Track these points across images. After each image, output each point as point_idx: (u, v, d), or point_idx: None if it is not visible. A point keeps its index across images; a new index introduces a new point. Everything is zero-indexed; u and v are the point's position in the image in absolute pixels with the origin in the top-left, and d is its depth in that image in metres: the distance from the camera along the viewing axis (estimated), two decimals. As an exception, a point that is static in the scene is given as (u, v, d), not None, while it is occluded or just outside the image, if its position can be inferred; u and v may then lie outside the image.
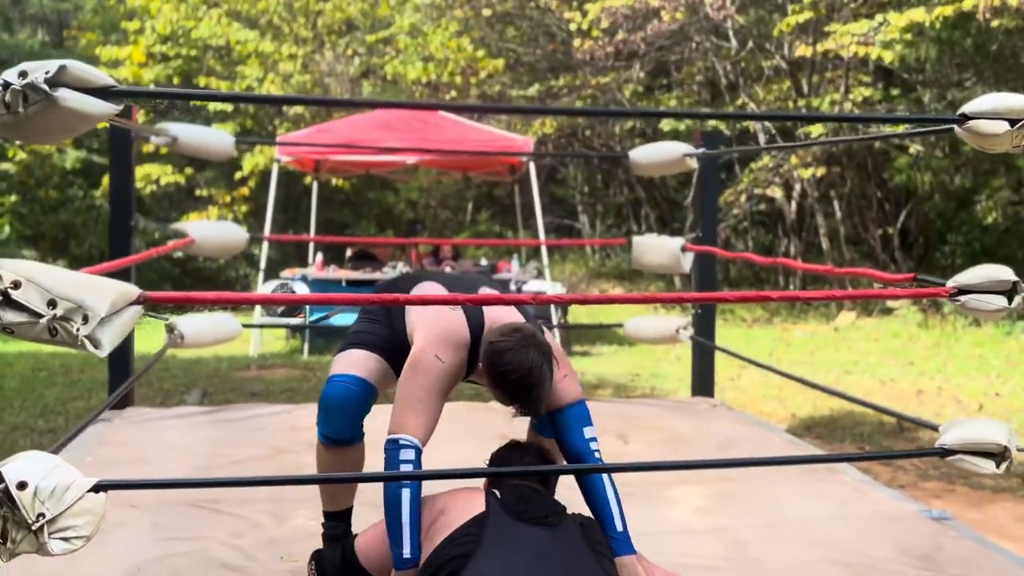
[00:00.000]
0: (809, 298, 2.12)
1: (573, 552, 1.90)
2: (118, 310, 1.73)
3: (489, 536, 1.87)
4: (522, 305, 2.35)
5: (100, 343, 1.70)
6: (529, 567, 1.81)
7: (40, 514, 1.69)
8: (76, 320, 1.68)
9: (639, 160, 4.15)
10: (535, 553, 1.85)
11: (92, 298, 1.68)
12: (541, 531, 1.92)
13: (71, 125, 1.77)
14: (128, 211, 3.98)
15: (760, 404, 6.29)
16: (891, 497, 3.19)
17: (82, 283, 1.70)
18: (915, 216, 14.54)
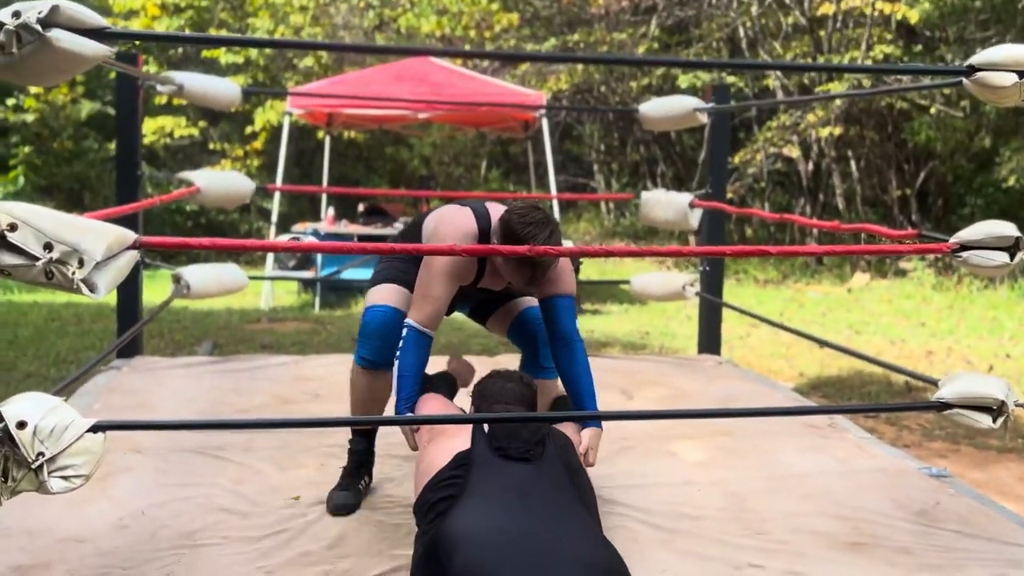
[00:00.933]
0: (809, 253, 2.10)
1: (554, 486, 1.94)
2: (114, 254, 1.73)
3: (473, 478, 1.92)
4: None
5: (96, 287, 1.71)
6: (511, 508, 1.83)
7: (39, 453, 1.72)
8: (72, 263, 1.69)
9: (649, 114, 4.11)
10: (518, 493, 1.89)
11: (88, 241, 1.69)
12: (524, 467, 1.97)
13: (65, 66, 1.76)
14: (135, 160, 3.99)
15: (768, 363, 6.29)
16: (891, 454, 3.19)
17: (78, 226, 1.71)
18: (934, 177, 14.35)
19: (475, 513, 1.81)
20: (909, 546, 2.37)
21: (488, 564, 1.65)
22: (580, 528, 1.82)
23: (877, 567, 2.25)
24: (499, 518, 1.79)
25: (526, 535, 1.73)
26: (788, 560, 2.27)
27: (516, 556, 1.67)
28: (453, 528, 1.77)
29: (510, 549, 1.69)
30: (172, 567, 2.16)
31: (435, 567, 1.72)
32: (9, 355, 5.78)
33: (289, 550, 2.27)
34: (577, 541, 1.76)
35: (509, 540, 1.71)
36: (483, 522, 1.78)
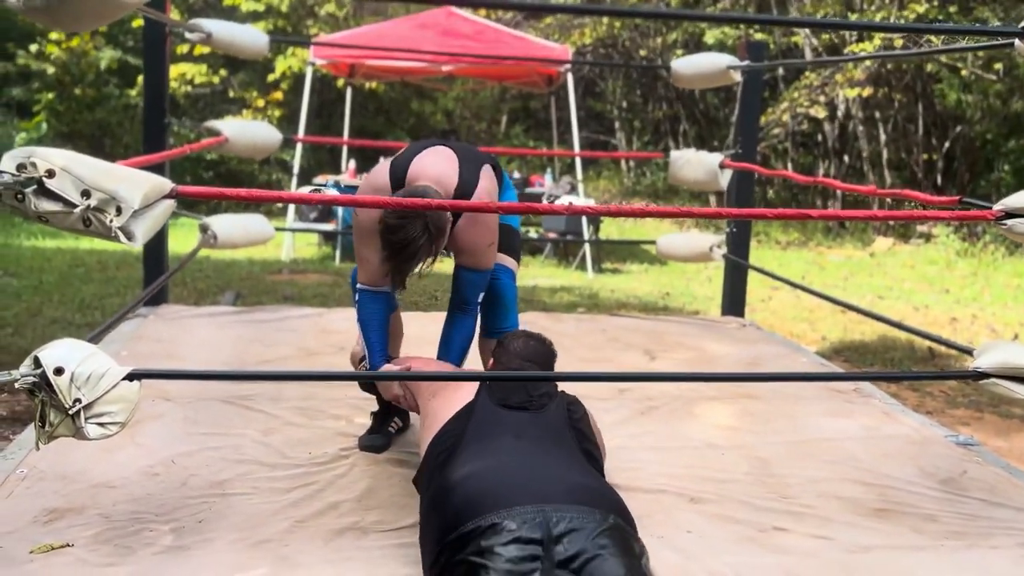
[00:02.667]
0: (849, 217, 2.07)
1: (552, 431, 1.99)
2: (151, 203, 1.73)
3: (471, 429, 1.97)
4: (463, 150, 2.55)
5: (133, 235, 1.71)
6: (505, 448, 1.88)
7: (76, 399, 1.74)
8: (110, 211, 1.69)
9: (681, 71, 4.04)
10: (513, 435, 1.94)
11: (125, 190, 1.68)
12: (523, 415, 2.03)
13: (103, 11, 1.74)
14: (162, 108, 3.97)
15: (790, 326, 6.25)
16: (917, 421, 3.17)
17: (116, 174, 1.70)
18: (961, 142, 14.11)
19: (471, 456, 1.87)
20: (935, 514, 2.37)
21: (481, 493, 1.70)
22: (571, 462, 1.88)
23: (903, 534, 2.25)
24: (491, 456, 1.85)
25: (517, 465, 1.81)
26: (814, 524, 2.27)
27: (506, 481, 1.73)
28: (451, 474, 1.83)
29: (501, 477, 1.75)
30: (203, 515, 2.18)
31: (437, 512, 1.78)
32: (35, 300, 5.83)
33: (318, 501, 2.29)
34: (566, 469, 1.83)
35: (501, 469, 1.78)
36: (476, 463, 1.83)
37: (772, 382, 3.16)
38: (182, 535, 2.07)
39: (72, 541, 2.01)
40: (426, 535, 1.82)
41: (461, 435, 1.97)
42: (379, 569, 1.94)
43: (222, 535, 2.08)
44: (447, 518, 1.71)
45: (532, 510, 1.61)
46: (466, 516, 1.65)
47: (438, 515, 1.76)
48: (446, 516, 1.72)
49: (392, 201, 2.01)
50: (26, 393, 1.77)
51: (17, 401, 3.81)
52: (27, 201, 1.68)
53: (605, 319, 4.63)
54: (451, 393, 2.15)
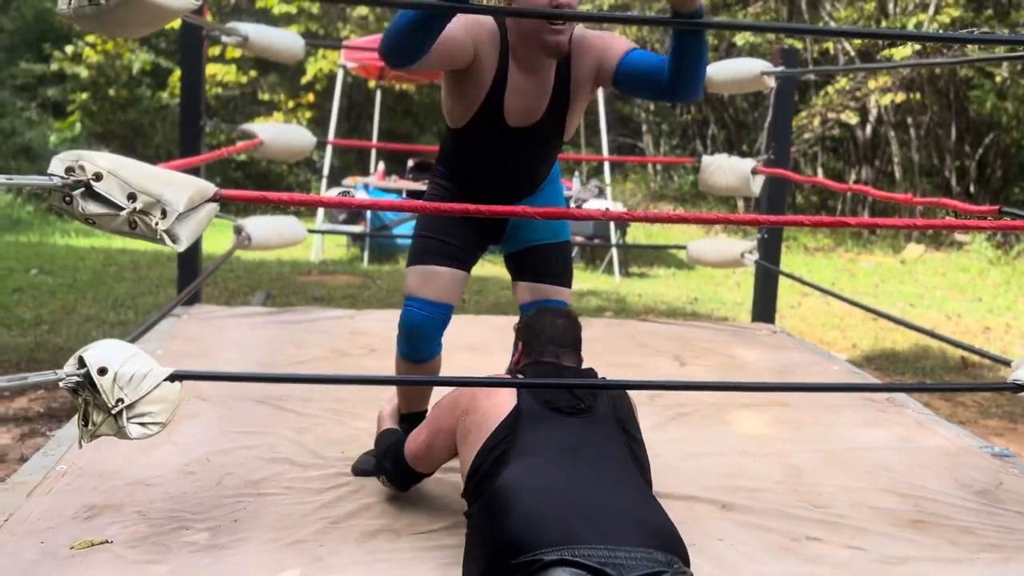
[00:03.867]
0: (886, 226, 2.06)
1: (605, 441, 1.91)
2: (195, 206, 1.75)
3: (523, 435, 1.88)
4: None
5: (178, 238, 1.74)
6: (563, 466, 1.80)
7: (119, 399, 1.76)
8: (155, 214, 1.71)
9: (714, 77, 4.02)
10: (569, 449, 1.86)
11: (171, 193, 1.71)
12: (574, 422, 1.92)
13: (151, 19, 1.76)
14: (197, 111, 4.01)
15: (820, 333, 6.20)
16: (952, 432, 3.14)
17: (161, 178, 1.73)
18: (995, 148, 13.94)
19: (528, 471, 1.79)
20: (971, 526, 2.34)
21: (545, 519, 1.65)
22: (632, 488, 1.81)
23: (938, 546, 2.22)
24: (551, 475, 1.77)
25: (578, 493, 1.72)
26: (848, 535, 2.25)
27: (571, 511, 1.66)
28: (507, 486, 1.76)
29: (564, 505, 1.68)
30: (238, 514, 2.20)
31: (493, 525, 1.72)
32: (69, 298, 5.91)
33: (350, 502, 2.31)
34: (629, 501, 1.75)
35: (563, 497, 1.71)
36: (537, 479, 1.76)
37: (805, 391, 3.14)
38: (218, 534, 2.10)
39: (111, 538, 2.05)
40: (476, 546, 1.77)
41: (512, 441, 1.88)
42: (412, 572, 1.95)
43: (257, 535, 2.10)
44: (505, 537, 1.65)
45: (601, 551, 1.56)
46: (528, 543, 1.60)
47: (494, 528, 1.70)
48: (503, 534, 1.66)
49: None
50: (69, 392, 1.80)
51: (54, 398, 3.88)
52: (75, 203, 1.71)
53: (633, 324, 4.62)
54: (486, 403, 2.01)
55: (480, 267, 8.54)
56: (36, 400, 3.88)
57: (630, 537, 1.61)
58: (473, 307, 6.03)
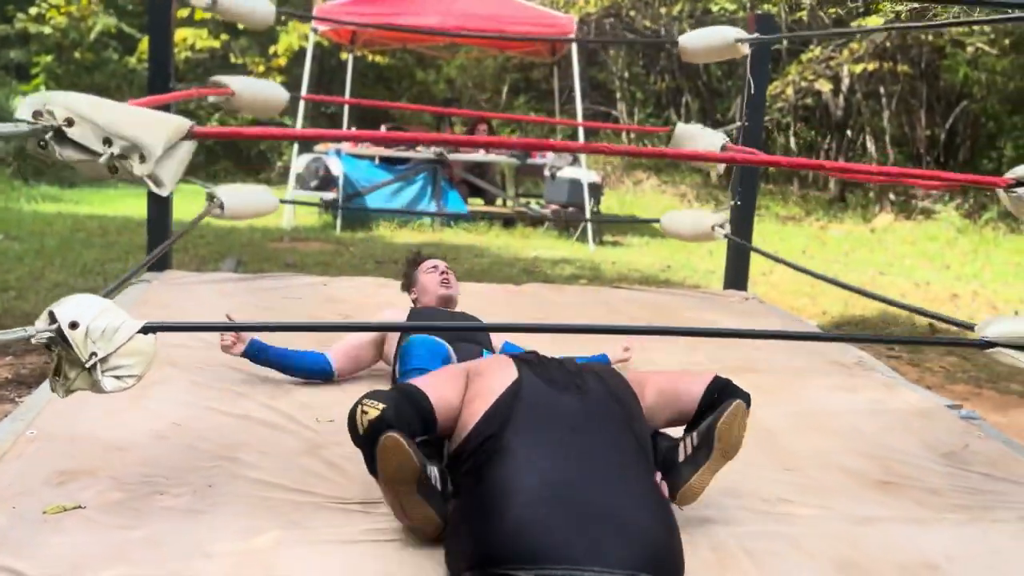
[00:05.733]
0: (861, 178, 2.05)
1: (603, 417, 1.89)
2: (173, 145, 1.72)
3: (521, 412, 1.85)
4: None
5: (161, 181, 1.71)
6: (563, 452, 1.78)
7: (92, 353, 1.74)
8: (134, 158, 1.68)
9: (688, 45, 4.01)
10: (569, 427, 1.83)
11: (147, 136, 1.67)
12: (571, 398, 1.91)
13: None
14: (167, 72, 3.94)
15: (791, 300, 6.27)
16: (920, 395, 3.19)
17: (136, 120, 1.69)
18: (964, 118, 14.07)
19: (526, 461, 1.74)
20: (938, 487, 2.39)
21: (535, 529, 1.60)
22: (631, 480, 1.77)
23: (906, 506, 2.27)
24: (549, 468, 1.73)
25: (577, 491, 1.68)
26: (819, 496, 2.29)
27: (563, 520, 1.62)
28: (503, 482, 1.71)
29: (558, 511, 1.63)
30: (213, 479, 2.19)
31: (482, 523, 1.67)
32: (36, 264, 5.82)
33: (326, 467, 2.30)
34: (628, 501, 1.70)
35: (558, 499, 1.66)
36: (533, 475, 1.71)
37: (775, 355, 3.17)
38: (193, 498, 2.08)
39: (84, 503, 2.03)
40: (462, 535, 1.72)
41: (509, 418, 1.83)
42: (390, 536, 1.95)
43: (233, 499, 2.09)
44: (492, 542, 1.62)
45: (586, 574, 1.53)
46: (512, 555, 1.57)
47: (483, 527, 1.66)
48: (491, 538, 1.63)
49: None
50: (43, 348, 1.78)
51: (22, 364, 3.83)
52: (50, 148, 1.68)
53: (607, 291, 4.64)
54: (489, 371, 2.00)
55: (454, 235, 8.53)
56: (4, 366, 3.82)
57: (621, 558, 1.57)
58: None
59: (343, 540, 1.93)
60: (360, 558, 1.86)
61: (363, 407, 1.81)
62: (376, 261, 6.62)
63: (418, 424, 1.88)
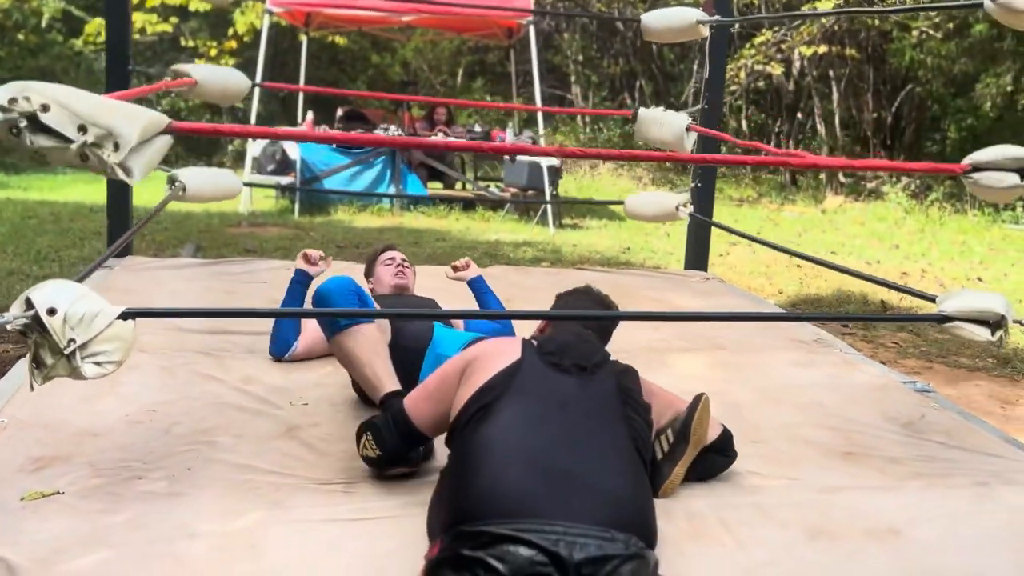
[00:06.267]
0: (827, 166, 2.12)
1: (600, 402, 1.91)
2: (148, 138, 1.71)
3: (515, 386, 1.88)
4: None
5: (131, 171, 1.70)
6: (546, 420, 1.81)
7: (71, 339, 1.72)
8: (107, 147, 1.67)
9: (651, 25, 4.06)
10: (558, 403, 1.86)
11: (123, 125, 1.66)
12: (572, 380, 1.94)
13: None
14: (125, 54, 3.88)
15: (748, 280, 6.39)
16: (877, 370, 3.30)
17: (112, 109, 1.68)
18: (910, 101, 14.39)
19: (507, 427, 1.79)
20: (898, 456, 2.48)
21: (507, 487, 1.64)
22: (612, 455, 1.79)
23: (869, 475, 2.35)
24: (529, 433, 1.77)
25: (552, 455, 1.71)
26: (786, 467, 2.36)
27: (536, 480, 1.65)
28: (482, 442, 1.76)
29: (531, 472, 1.67)
30: (191, 463, 2.19)
31: (459, 481, 1.72)
32: (-13, 252, 5.70)
33: (304, 449, 2.31)
34: (602, 469, 1.73)
35: (533, 462, 1.69)
36: (512, 438, 1.75)
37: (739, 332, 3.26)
38: (172, 482, 2.08)
39: (61, 489, 2.02)
40: (442, 497, 1.76)
41: (506, 388, 1.88)
42: (371, 513, 1.98)
43: (212, 482, 2.09)
44: (466, 499, 1.65)
45: (557, 528, 1.54)
46: (484, 511, 1.60)
47: (459, 486, 1.70)
48: (465, 495, 1.66)
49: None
50: (19, 334, 1.76)
51: (-19, 353, 3.76)
52: (23, 136, 1.66)
53: (573, 273, 4.69)
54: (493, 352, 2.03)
55: (414, 219, 8.51)
56: (-39, 356, 3.75)
57: (591, 513, 1.60)
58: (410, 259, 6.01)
59: (325, 519, 1.95)
60: (343, 537, 1.88)
61: (366, 441, 2.12)
62: (337, 246, 6.59)
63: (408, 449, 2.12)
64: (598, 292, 2.39)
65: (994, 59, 12.23)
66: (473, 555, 1.53)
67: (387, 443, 2.08)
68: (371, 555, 1.83)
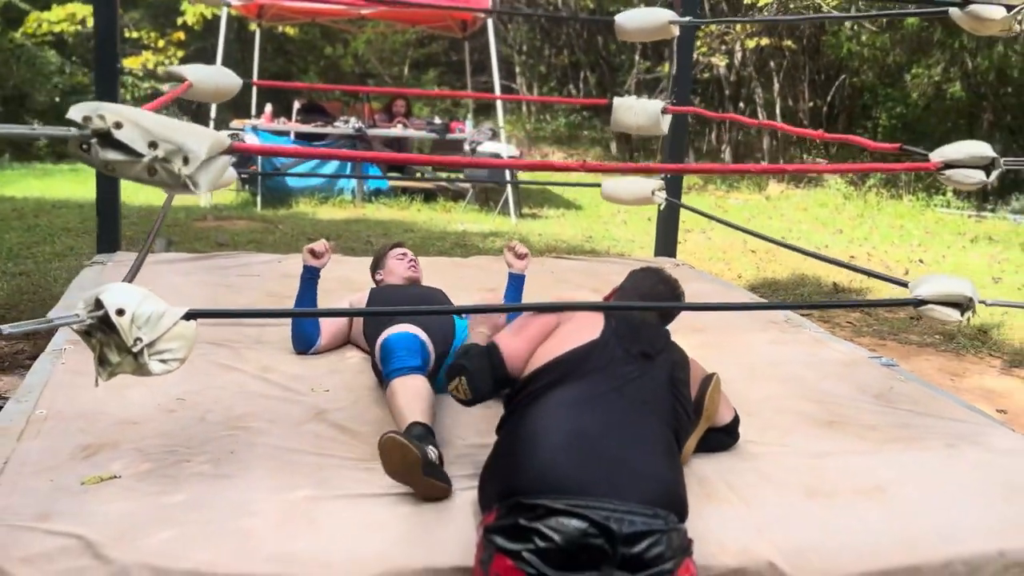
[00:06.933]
0: (815, 171, 2.34)
1: (652, 391, 2.10)
2: (214, 156, 1.84)
3: (586, 368, 2.07)
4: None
5: (199, 184, 1.83)
6: (605, 401, 2.00)
7: (137, 338, 1.85)
8: (177, 161, 1.80)
9: (625, 25, 4.25)
10: (618, 388, 2.05)
11: (192, 142, 1.80)
12: (634, 367, 2.12)
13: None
14: (113, 53, 3.92)
15: (708, 266, 6.66)
16: (845, 347, 3.57)
17: (180, 128, 1.81)
18: (843, 90, 14.92)
19: (570, 402, 1.97)
20: (875, 424, 2.74)
21: (563, 468, 1.80)
22: (656, 441, 1.98)
23: (851, 442, 2.60)
24: (587, 415, 1.95)
25: (605, 440, 1.89)
26: (778, 436, 2.59)
27: (589, 461, 1.83)
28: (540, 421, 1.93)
29: (585, 454, 1.85)
30: (233, 446, 2.32)
31: (514, 458, 1.88)
32: (-45, 251, 5.64)
33: (336, 430, 2.46)
34: (648, 454, 1.92)
35: (587, 445, 1.87)
36: (568, 421, 1.93)
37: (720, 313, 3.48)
38: (219, 465, 2.21)
39: (118, 473, 2.13)
40: (496, 468, 1.93)
41: (573, 370, 2.06)
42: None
43: (258, 463, 2.22)
44: (523, 476, 1.81)
45: (607, 505, 1.71)
46: (542, 487, 1.75)
47: (516, 461, 1.86)
48: (522, 472, 1.82)
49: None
50: (81, 335, 1.88)
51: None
52: (92, 151, 1.78)
53: (551, 262, 4.88)
54: (577, 321, 2.22)
55: (376, 211, 8.57)
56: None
57: (637, 493, 1.77)
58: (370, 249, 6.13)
59: (371, 494, 2.10)
60: (390, 509, 2.04)
61: (459, 384, 2.19)
62: (308, 238, 6.65)
63: (495, 393, 2.23)
64: (668, 274, 2.58)
65: (924, 50, 12.78)
66: (530, 525, 1.70)
67: (480, 388, 2.19)
68: (419, 524, 1.99)
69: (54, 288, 4.58)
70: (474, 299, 3.37)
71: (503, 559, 1.70)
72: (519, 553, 1.69)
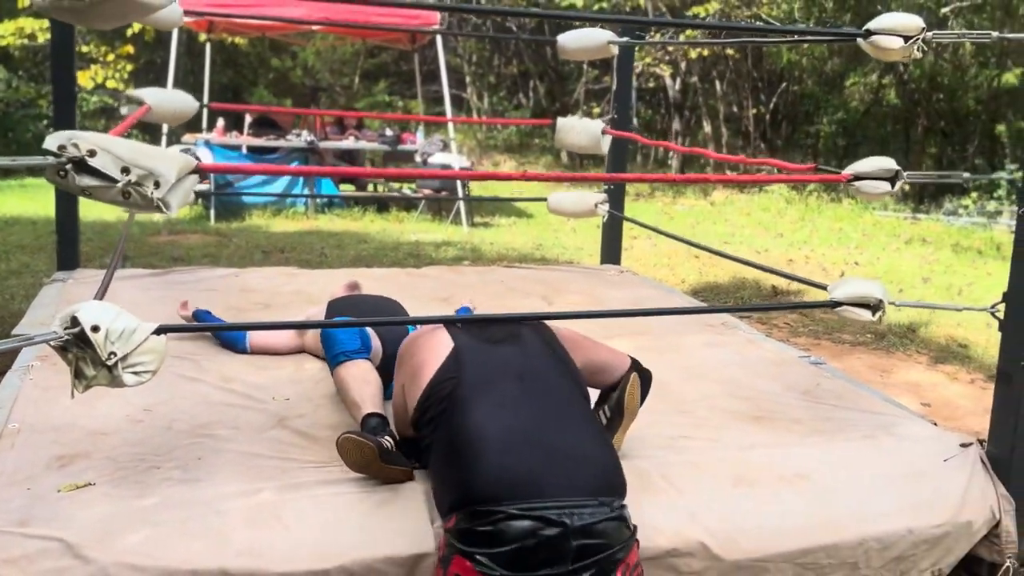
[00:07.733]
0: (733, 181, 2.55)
1: (545, 367, 2.22)
2: (182, 177, 2.00)
3: (468, 370, 2.14)
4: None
5: (170, 205, 1.98)
6: (516, 400, 2.09)
7: (111, 352, 1.99)
8: (148, 185, 1.95)
9: (566, 45, 4.45)
10: (514, 376, 2.15)
11: (162, 166, 1.95)
12: (509, 349, 2.22)
13: (127, 11, 1.97)
14: (71, 73, 4.01)
15: (653, 271, 6.91)
16: (776, 347, 3.80)
17: (150, 153, 1.96)
18: (786, 98, 15.39)
19: (490, 411, 2.05)
20: (800, 418, 2.95)
21: (513, 472, 1.90)
22: (580, 419, 2.12)
23: (778, 435, 2.81)
24: (510, 415, 2.04)
25: (540, 432, 1.99)
26: (710, 431, 2.80)
27: (535, 461, 1.92)
28: (474, 429, 1.98)
29: (529, 453, 1.91)
30: (200, 452, 2.45)
31: (461, 469, 1.94)
32: (-94, 269, 5.64)
33: (297, 436, 2.60)
34: (581, 438, 2.04)
35: (527, 443, 1.96)
36: (500, 422, 2.02)
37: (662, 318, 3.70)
38: (188, 470, 2.34)
39: (92, 481, 2.26)
40: (445, 483, 2.01)
41: (459, 379, 2.12)
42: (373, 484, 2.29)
43: (225, 467, 2.36)
44: (474, 485, 1.88)
45: (562, 503, 1.82)
46: (496, 494, 1.84)
47: (463, 473, 1.93)
48: (473, 481, 1.89)
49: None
50: (57, 351, 2.01)
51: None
52: (69, 177, 1.92)
53: (502, 270, 5.06)
54: (424, 346, 2.30)
55: (329, 222, 8.68)
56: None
57: (583, 481, 1.87)
58: (336, 261, 6.27)
59: (333, 493, 2.24)
60: (353, 506, 2.19)
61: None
62: (263, 251, 6.76)
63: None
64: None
65: (860, 59, 13.27)
66: (485, 529, 1.84)
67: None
68: (382, 517, 2.15)
69: (11, 305, 4.64)
70: (428, 308, 3.55)
71: (462, 560, 1.83)
72: (475, 556, 1.82)
